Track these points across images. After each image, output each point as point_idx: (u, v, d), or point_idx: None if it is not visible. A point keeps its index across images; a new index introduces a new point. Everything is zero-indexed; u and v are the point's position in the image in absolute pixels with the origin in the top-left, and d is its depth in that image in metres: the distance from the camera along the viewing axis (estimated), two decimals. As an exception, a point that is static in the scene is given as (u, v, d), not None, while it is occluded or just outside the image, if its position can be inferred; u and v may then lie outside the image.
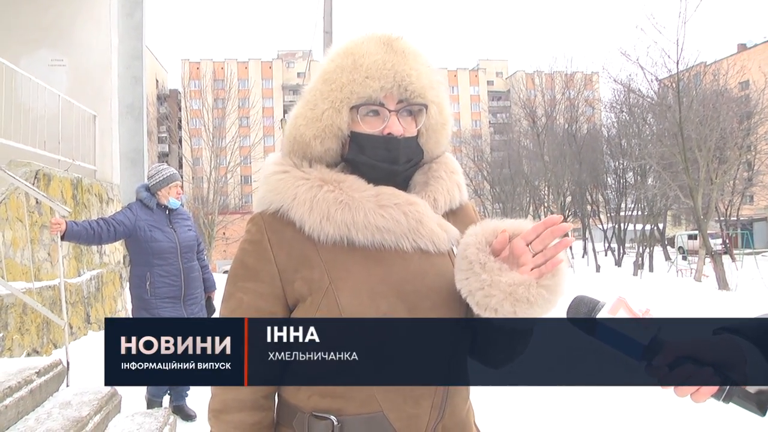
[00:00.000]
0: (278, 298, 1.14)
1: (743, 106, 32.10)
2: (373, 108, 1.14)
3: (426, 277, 1.12)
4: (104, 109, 8.20)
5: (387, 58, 1.13)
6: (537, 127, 37.60)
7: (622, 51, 31.21)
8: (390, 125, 1.13)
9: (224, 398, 1.14)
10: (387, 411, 1.09)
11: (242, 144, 34.79)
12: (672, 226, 45.68)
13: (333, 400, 1.10)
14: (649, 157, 26.62)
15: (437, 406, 1.12)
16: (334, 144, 1.16)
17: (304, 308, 1.12)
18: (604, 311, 0.95)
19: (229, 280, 1.19)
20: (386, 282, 1.10)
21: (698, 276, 23.31)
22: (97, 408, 3.42)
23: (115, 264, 8.02)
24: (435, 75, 1.19)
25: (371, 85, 1.12)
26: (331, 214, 1.11)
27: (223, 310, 1.18)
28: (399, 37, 1.17)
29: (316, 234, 1.11)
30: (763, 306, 13.03)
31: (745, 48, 50.80)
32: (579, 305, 0.99)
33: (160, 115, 57.56)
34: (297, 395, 1.13)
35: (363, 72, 1.12)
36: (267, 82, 76.74)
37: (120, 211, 4.18)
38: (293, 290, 1.12)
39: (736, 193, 34.35)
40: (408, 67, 1.14)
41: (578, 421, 4.38)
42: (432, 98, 1.18)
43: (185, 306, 4.09)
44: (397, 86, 1.13)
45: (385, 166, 1.15)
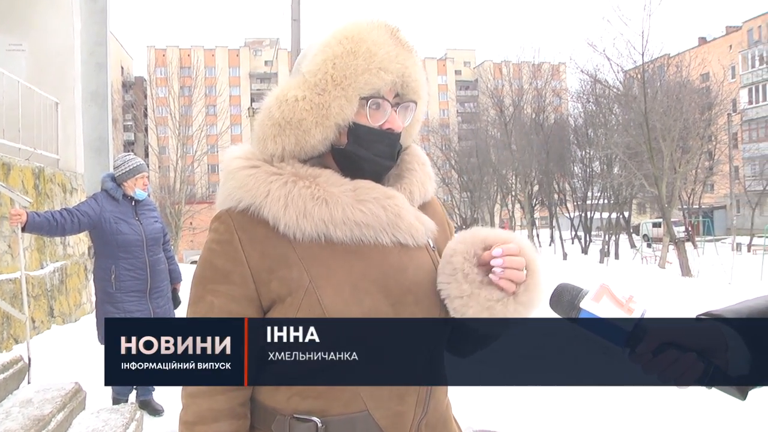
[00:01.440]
0: (251, 301, 1.08)
1: (704, 97, 32.86)
2: (377, 101, 1.10)
3: (407, 271, 1.10)
4: (67, 97, 7.94)
5: (397, 52, 1.10)
6: (504, 116, 37.97)
7: (589, 42, 31.55)
8: (391, 120, 1.11)
9: (198, 409, 1.08)
10: (372, 410, 1.06)
11: (209, 133, 34.22)
12: (637, 214, 46.65)
13: (315, 401, 1.06)
14: (615, 146, 27.10)
15: (422, 402, 1.11)
16: (332, 133, 1.11)
17: (282, 309, 1.07)
18: (587, 298, 0.95)
19: (196, 282, 1.13)
20: (368, 277, 1.07)
21: (662, 263, 23.90)
22: (60, 405, 3.32)
23: (79, 255, 7.82)
24: (424, 71, 1.18)
25: (384, 78, 1.08)
26: (308, 211, 1.06)
27: (192, 314, 1.12)
28: (398, 28, 1.14)
29: (291, 232, 1.07)
30: (723, 291, 13.42)
31: (706, 41, 51.99)
32: (562, 293, 0.99)
33: (126, 102, 56.28)
34: (275, 397, 1.09)
35: (377, 62, 1.08)
36: (234, 70, 75.59)
37: (84, 202, 4.06)
38: (269, 291, 1.08)
39: (698, 182, 35.25)
40: (412, 62, 1.12)
41: (574, 420, 4.43)
42: (423, 95, 1.17)
43: (151, 299, 3.99)
44: (401, 82, 1.11)
45: (383, 161, 1.13)
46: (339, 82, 1.08)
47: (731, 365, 0.91)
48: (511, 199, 41.15)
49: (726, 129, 34.10)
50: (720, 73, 35.86)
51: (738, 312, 0.95)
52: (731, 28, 50.89)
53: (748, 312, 0.94)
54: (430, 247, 1.16)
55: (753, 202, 36.03)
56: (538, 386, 1.13)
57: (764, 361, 0.90)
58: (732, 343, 0.91)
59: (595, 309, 0.94)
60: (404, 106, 1.14)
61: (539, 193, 40.41)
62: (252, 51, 77.91)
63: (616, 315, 0.92)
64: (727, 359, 0.91)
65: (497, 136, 40.36)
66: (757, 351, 0.90)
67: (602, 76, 28.27)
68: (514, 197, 40.59)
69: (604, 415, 4.26)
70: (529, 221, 38.02)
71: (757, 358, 0.90)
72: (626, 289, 0.96)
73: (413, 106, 1.15)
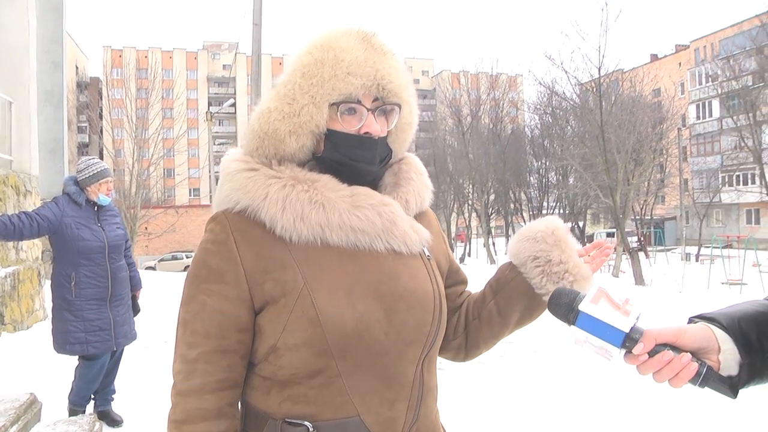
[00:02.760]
0: (244, 301, 1.08)
1: (656, 111, 34.03)
2: (351, 106, 1.10)
3: (400, 278, 1.10)
4: (21, 96, 7.65)
5: (368, 56, 1.10)
6: (463, 126, 38.40)
7: (547, 55, 32.23)
8: (368, 124, 1.11)
9: (186, 408, 1.07)
10: (363, 415, 1.06)
11: (166, 136, 33.59)
12: (591, 224, 47.83)
13: (306, 406, 1.06)
14: (571, 157, 27.78)
15: (412, 408, 1.11)
16: (309, 141, 1.11)
17: (275, 310, 1.06)
18: (586, 301, 0.97)
19: (189, 281, 1.12)
20: (361, 282, 1.07)
21: (616, 272, 24.57)
22: (14, 418, 3.16)
23: (33, 260, 7.54)
24: (408, 74, 1.17)
25: (353, 83, 1.08)
26: (305, 215, 1.07)
27: (184, 313, 1.11)
28: (374, 33, 1.14)
29: (288, 234, 1.07)
30: (674, 299, 13.86)
31: (657, 58, 53.95)
32: (560, 296, 1.02)
33: (80, 103, 54.78)
34: (266, 401, 1.09)
35: (345, 68, 1.08)
36: (192, 73, 74.48)
37: (45, 205, 3.90)
38: (263, 292, 1.07)
39: (650, 194, 36.40)
40: (387, 65, 1.12)
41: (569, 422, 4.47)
42: (406, 98, 1.16)
43: (111, 307, 3.87)
44: (376, 85, 1.10)
45: (362, 165, 1.12)
46: (307, 90, 1.09)
47: (723, 366, 0.95)
48: (467, 207, 41.66)
49: (676, 143, 35.38)
50: (671, 88, 37.24)
51: (729, 315, 0.99)
52: (680, 47, 52.96)
53: (738, 316, 0.99)
54: (425, 255, 1.17)
55: (701, 214, 37.43)
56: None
57: (753, 361, 0.95)
58: (724, 345, 0.95)
59: (593, 311, 0.96)
60: (384, 109, 1.13)
61: (495, 202, 41.08)
62: (210, 54, 76.95)
63: (613, 316, 0.95)
64: (719, 360, 0.95)
65: (455, 146, 40.85)
66: (746, 352, 0.95)
67: (560, 88, 29.00)
68: (470, 206, 41.12)
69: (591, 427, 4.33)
70: (485, 230, 38.57)
71: (746, 359, 0.94)
72: (622, 293, 0.99)
73: (397, 109, 1.14)
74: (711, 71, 39.87)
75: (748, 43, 27.83)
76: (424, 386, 1.13)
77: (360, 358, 1.05)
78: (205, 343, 1.07)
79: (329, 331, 1.03)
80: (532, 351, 6.55)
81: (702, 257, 31.32)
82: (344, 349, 1.04)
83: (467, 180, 38.96)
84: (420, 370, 1.12)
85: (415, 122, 1.23)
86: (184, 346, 1.09)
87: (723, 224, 42.75)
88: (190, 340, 1.09)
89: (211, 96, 74.02)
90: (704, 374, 0.93)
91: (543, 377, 5.56)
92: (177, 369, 1.10)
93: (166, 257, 33.11)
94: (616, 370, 5.42)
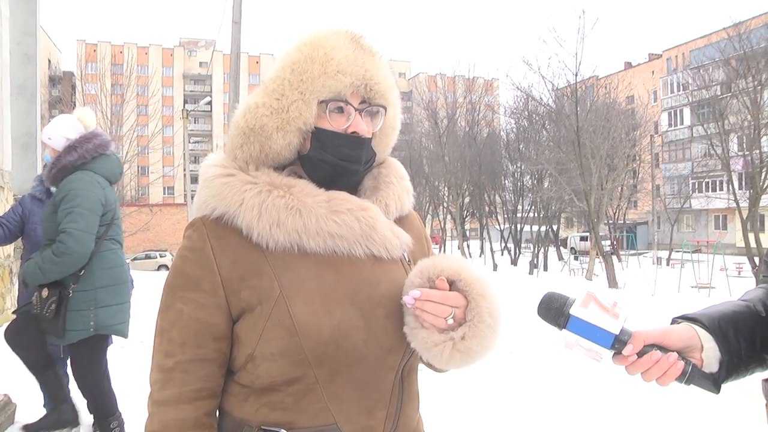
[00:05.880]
0: (221, 309, 1.06)
1: (630, 118, 34.63)
2: (339, 104, 1.09)
3: (380, 284, 1.09)
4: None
5: (357, 55, 1.09)
6: (439, 128, 38.53)
7: (525, 60, 32.55)
8: (355, 124, 1.10)
9: (163, 418, 1.06)
10: (341, 423, 1.05)
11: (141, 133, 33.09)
12: (565, 228, 48.43)
13: (283, 413, 1.05)
14: (546, 162, 28.10)
15: (391, 417, 1.10)
16: (296, 138, 1.10)
17: (252, 318, 1.05)
18: (576, 305, 1.01)
19: (166, 289, 1.11)
20: (339, 289, 1.06)
21: (589, 275, 24.94)
22: (-12, 419, 3.11)
23: (4, 258, 7.37)
24: (393, 78, 1.17)
25: (342, 81, 1.07)
26: (281, 221, 1.05)
27: (161, 321, 1.10)
28: (362, 35, 1.14)
29: (264, 241, 1.05)
30: (647, 302, 14.13)
31: (631, 66, 54.94)
32: (550, 301, 1.04)
33: (53, 98, 53.62)
34: (243, 408, 1.08)
35: (335, 66, 1.07)
36: (167, 70, 73.59)
37: (10, 209, 3.82)
38: (239, 300, 1.05)
39: (623, 199, 37.02)
40: (375, 66, 1.11)
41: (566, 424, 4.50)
42: (392, 100, 1.16)
43: None
44: (364, 85, 1.10)
45: (348, 165, 1.11)
46: (296, 86, 1.08)
47: (705, 363, 1.00)
48: (442, 210, 41.84)
49: (649, 149, 36.06)
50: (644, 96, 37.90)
51: (709, 315, 1.05)
52: (653, 56, 54.04)
53: (718, 316, 1.05)
54: (405, 260, 1.16)
55: (672, 219, 38.21)
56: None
57: (732, 358, 1.01)
58: (706, 343, 1.01)
59: (584, 315, 1.00)
60: (370, 110, 1.12)
61: (470, 204, 41.33)
62: (187, 51, 76.18)
63: (603, 319, 0.99)
64: (702, 358, 1.00)
65: (430, 148, 40.96)
66: (725, 350, 1.00)
67: (536, 93, 29.33)
68: (445, 208, 41.30)
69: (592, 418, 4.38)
70: (460, 232, 38.77)
71: (725, 357, 1.00)
72: (610, 297, 1.02)
73: (382, 111, 1.14)
74: (682, 80, 40.71)
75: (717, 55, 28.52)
76: (404, 394, 1.13)
77: (338, 366, 1.04)
78: (181, 352, 1.06)
79: (306, 340, 1.02)
80: (508, 353, 6.62)
81: (673, 261, 31.97)
82: (321, 357, 1.03)
83: (443, 182, 39.12)
84: (399, 378, 1.11)
85: (398, 126, 1.22)
86: (161, 355, 1.08)
87: (693, 229, 43.67)
88: (167, 348, 1.07)
89: (187, 93, 73.26)
90: (690, 372, 0.98)
91: (519, 379, 5.63)
92: (154, 378, 1.08)
93: (139, 256, 32.60)
94: (594, 371, 5.51)
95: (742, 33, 24.45)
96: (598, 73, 34.34)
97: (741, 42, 24.20)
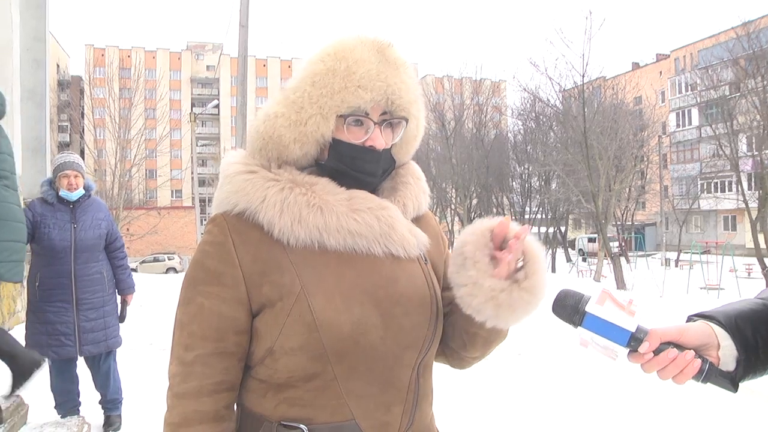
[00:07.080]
0: (242, 303, 1.08)
1: (638, 119, 34.49)
2: (358, 118, 1.10)
3: (398, 283, 1.10)
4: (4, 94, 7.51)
5: (380, 69, 1.10)
6: (446, 130, 38.48)
7: (532, 61, 32.45)
8: (373, 138, 1.11)
9: (183, 410, 1.07)
10: (359, 419, 1.07)
11: (148, 137, 33.24)
12: (573, 229, 48.24)
13: (302, 409, 1.06)
14: (554, 163, 28.02)
15: (408, 413, 1.11)
16: (313, 149, 1.12)
17: (272, 313, 1.06)
18: (592, 302, 1.00)
19: (187, 283, 1.12)
20: (358, 287, 1.07)
21: (598, 276, 24.80)
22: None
23: (13, 260, 7.42)
24: (418, 88, 1.17)
25: (363, 96, 1.08)
26: (303, 218, 1.07)
27: (182, 315, 1.11)
28: (390, 44, 1.13)
29: (286, 237, 1.07)
30: (655, 303, 14.05)
31: (639, 66, 54.71)
32: (566, 298, 1.03)
33: (61, 102, 54.05)
34: (262, 404, 1.09)
35: (356, 81, 1.08)
36: (175, 74, 73.82)
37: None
38: (260, 294, 1.07)
39: (631, 200, 36.83)
40: (399, 80, 1.11)
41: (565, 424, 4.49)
42: (414, 112, 1.16)
43: (78, 311, 3.69)
44: (386, 99, 1.10)
45: (364, 177, 1.13)
46: (316, 101, 1.08)
47: (722, 362, 1.00)
48: (450, 212, 41.77)
49: (657, 150, 35.88)
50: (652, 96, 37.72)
51: (726, 313, 1.04)
52: (661, 56, 53.80)
53: (735, 314, 1.03)
54: (422, 260, 1.17)
55: (680, 220, 37.97)
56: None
57: (750, 356, 0.99)
58: (723, 341, 1.00)
59: (600, 312, 0.99)
60: (391, 122, 1.13)
61: (478, 206, 41.22)
62: (194, 54, 76.40)
63: (619, 317, 0.98)
64: (718, 356, 0.99)
65: (438, 150, 40.92)
66: (743, 348, 0.99)
67: (543, 94, 29.23)
68: (453, 210, 41.22)
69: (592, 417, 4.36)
70: (469, 234, 38.58)
71: (743, 355, 0.99)
72: (625, 294, 1.01)
73: (403, 123, 1.15)
74: (690, 80, 40.52)
75: (725, 54, 28.34)
76: (420, 390, 1.14)
77: (356, 363, 1.05)
78: (202, 346, 1.07)
79: (325, 336, 1.03)
80: (516, 354, 6.60)
81: (681, 262, 31.74)
82: (340, 353, 1.04)
83: (450, 184, 39.06)
84: (416, 375, 1.12)
85: (420, 135, 1.23)
86: (181, 348, 1.09)
87: (701, 230, 43.40)
88: (187, 342, 1.08)
89: (195, 97, 73.46)
90: (707, 370, 0.97)
91: (527, 380, 5.61)
92: (174, 371, 1.09)
93: (147, 259, 32.79)
94: (602, 372, 5.49)
95: (750, 32, 24.22)
96: (606, 74, 34.19)
97: (750, 41, 23.98)
